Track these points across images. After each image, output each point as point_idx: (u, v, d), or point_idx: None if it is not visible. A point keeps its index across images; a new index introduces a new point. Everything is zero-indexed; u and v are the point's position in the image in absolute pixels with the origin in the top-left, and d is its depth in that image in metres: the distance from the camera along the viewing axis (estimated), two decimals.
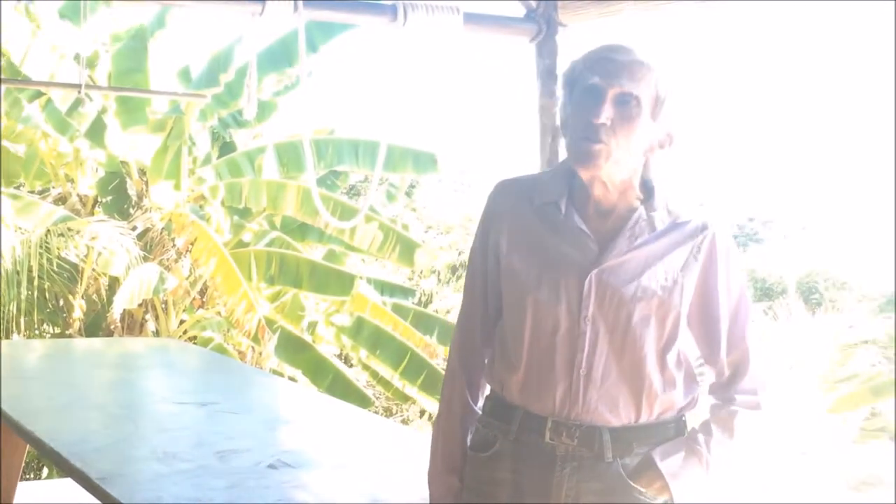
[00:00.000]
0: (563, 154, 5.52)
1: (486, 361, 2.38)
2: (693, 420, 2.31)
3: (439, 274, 19.57)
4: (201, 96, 7.64)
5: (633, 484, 2.18)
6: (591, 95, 2.12)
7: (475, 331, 2.37)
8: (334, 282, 10.16)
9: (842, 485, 14.06)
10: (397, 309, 12.13)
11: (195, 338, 10.57)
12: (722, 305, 2.24)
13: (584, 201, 2.21)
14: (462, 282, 16.17)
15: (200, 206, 10.89)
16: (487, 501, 2.28)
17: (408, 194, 16.51)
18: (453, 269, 20.04)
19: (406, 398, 11.90)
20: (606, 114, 2.08)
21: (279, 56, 10.18)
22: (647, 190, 2.22)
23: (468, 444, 2.37)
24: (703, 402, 2.31)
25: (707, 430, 2.23)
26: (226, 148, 11.77)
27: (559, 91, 2.25)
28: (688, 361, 2.25)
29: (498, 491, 2.26)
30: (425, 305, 17.05)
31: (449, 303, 18.59)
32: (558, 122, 2.26)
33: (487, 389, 2.39)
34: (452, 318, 15.61)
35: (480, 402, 2.39)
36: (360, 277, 10.74)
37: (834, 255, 21.83)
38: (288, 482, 3.06)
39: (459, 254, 20.70)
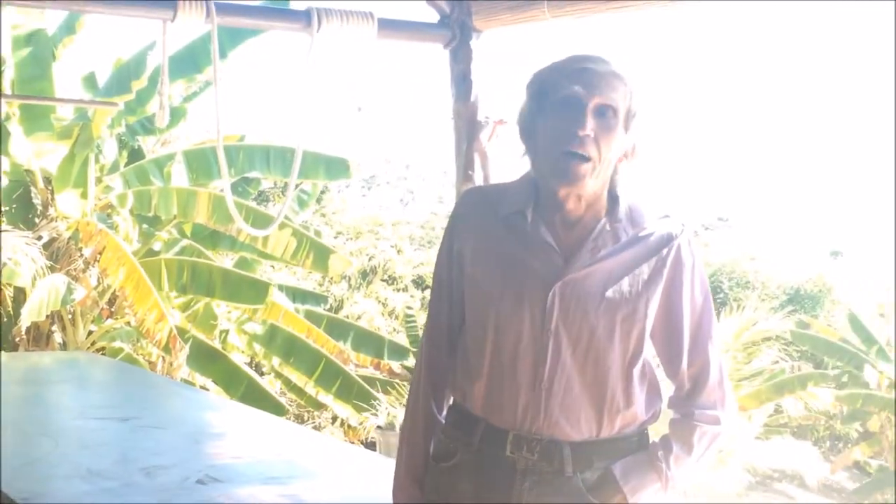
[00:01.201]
0: (480, 160, 5.56)
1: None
2: (654, 432, 2.30)
3: (350, 279, 19.46)
4: (113, 104, 7.49)
5: (592, 499, 2.17)
6: (571, 106, 2.08)
7: (441, 341, 2.34)
8: (248, 290, 10.05)
9: (749, 480, 14.34)
10: (310, 316, 12.07)
11: (104, 349, 10.37)
12: (685, 319, 2.22)
13: (551, 212, 2.17)
14: (373, 287, 16.13)
15: (108, 215, 10.70)
16: None
17: (317, 200, 16.40)
18: (364, 275, 19.96)
19: (319, 405, 11.84)
20: (590, 125, 2.07)
21: (187, 62, 10.03)
22: (612, 200, 2.20)
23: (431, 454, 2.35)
24: (664, 416, 2.30)
25: (667, 446, 2.22)
26: (134, 155, 11.57)
27: (522, 98, 2.20)
28: (652, 374, 2.24)
29: (458, 502, 2.23)
30: (336, 311, 16.95)
31: (360, 308, 18.52)
32: (519, 131, 2.21)
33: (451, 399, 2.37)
34: (364, 323, 15.57)
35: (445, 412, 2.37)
36: (273, 285, 10.64)
37: (738, 254, 22.23)
38: (218, 498, 3.03)
39: (370, 259, 20.63)
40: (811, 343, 15.30)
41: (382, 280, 20.50)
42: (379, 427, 10.38)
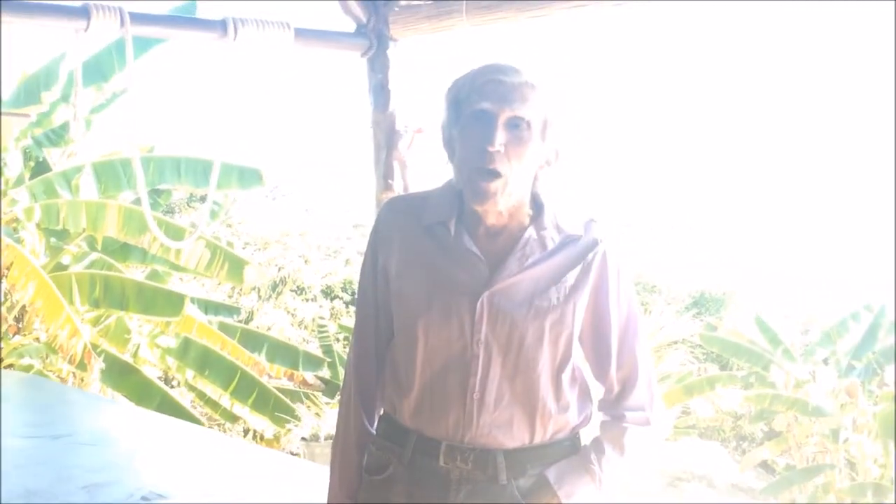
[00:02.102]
0: (399, 170, 5.58)
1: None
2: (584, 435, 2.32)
3: (259, 291, 19.30)
4: (25, 115, 7.33)
5: None
6: (481, 120, 2.07)
7: (369, 353, 2.31)
8: (163, 302, 9.90)
9: (659, 481, 14.54)
10: (224, 328, 11.94)
11: (12, 365, 10.12)
12: (613, 322, 2.22)
13: (474, 222, 2.16)
14: (282, 298, 15.99)
15: (14, 229, 10.44)
16: None
17: (226, 210, 16.22)
18: (273, 286, 19.81)
19: (234, 418, 11.71)
20: (500, 139, 2.05)
21: (93, 72, 9.87)
22: (537, 207, 2.19)
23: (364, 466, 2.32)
24: (595, 419, 2.31)
25: (599, 448, 2.22)
26: (39, 167, 11.31)
27: (441, 109, 2.19)
28: (582, 379, 2.24)
29: None
30: (247, 322, 16.81)
31: (270, 319, 18.38)
32: (441, 139, 2.20)
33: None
34: (275, 333, 15.45)
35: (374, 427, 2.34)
36: (188, 297, 10.49)
37: (644, 259, 22.54)
38: None
39: (279, 269, 20.48)
40: (720, 345, 15.57)
41: (291, 290, 20.37)
42: (303, 438, 10.32)
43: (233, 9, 5.01)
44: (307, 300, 20.17)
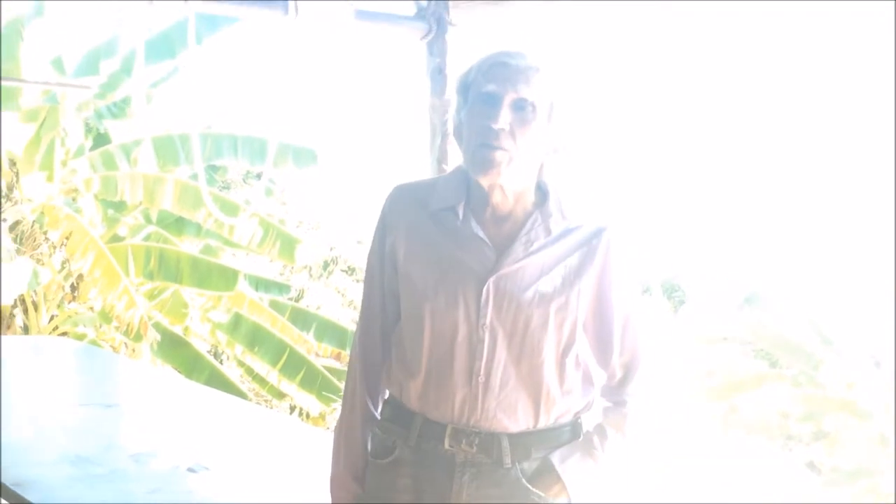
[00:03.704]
0: (452, 155, 5.60)
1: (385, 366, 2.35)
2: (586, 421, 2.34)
3: (310, 270, 19.44)
4: (85, 87, 7.42)
5: (531, 488, 2.19)
6: (487, 102, 2.10)
7: (375, 337, 2.34)
8: (217, 277, 10.02)
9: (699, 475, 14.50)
10: (274, 305, 12.04)
11: (66, 333, 10.29)
12: (616, 308, 2.24)
13: (480, 207, 2.19)
14: (334, 278, 16.07)
15: (73, 199, 10.61)
16: None
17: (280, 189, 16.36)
18: (325, 265, 19.94)
19: (281, 395, 11.84)
20: (504, 119, 2.07)
21: (160, 48, 9.96)
22: (542, 193, 2.21)
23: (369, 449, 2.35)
24: (597, 404, 2.33)
25: (601, 433, 2.25)
26: (100, 139, 11.46)
27: (453, 95, 2.22)
28: (585, 364, 2.26)
29: (398, 497, 2.24)
30: (297, 301, 16.93)
31: (320, 298, 18.51)
32: (450, 127, 2.23)
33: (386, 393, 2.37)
34: (325, 312, 15.55)
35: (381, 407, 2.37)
36: (241, 273, 10.60)
37: (694, 254, 22.42)
38: (210, 486, 3.03)
39: (331, 249, 20.60)
40: (771, 342, 15.46)
41: (342, 271, 20.49)
42: None
43: None
44: (358, 281, 20.27)
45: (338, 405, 10.55)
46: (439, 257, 2.19)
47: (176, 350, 10.36)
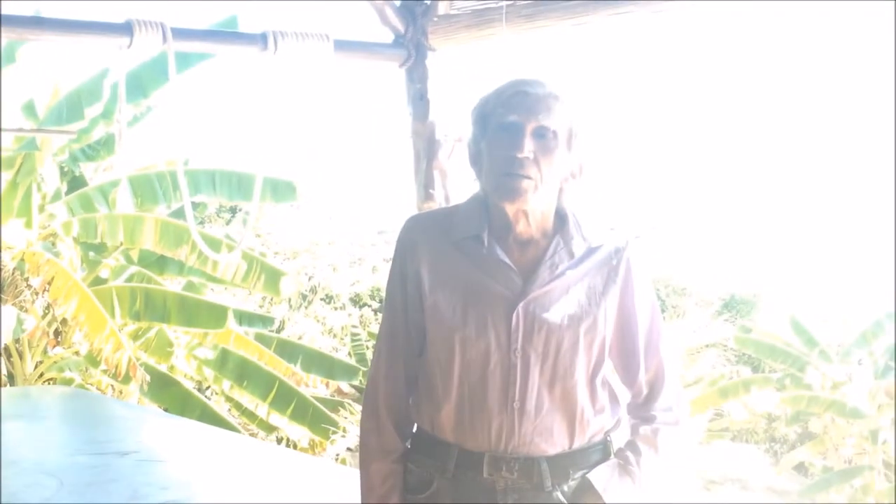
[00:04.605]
0: (438, 179, 5.59)
1: (410, 400, 2.33)
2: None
3: (290, 300, 19.35)
4: (69, 132, 7.38)
5: None
6: (510, 131, 2.13)
7: (399, 371, 2.32)
8: (206, 315, 9.97)
9: (695, 484, 14.51)
10: (260, 338, 12.00)
11: (53, 379, 10.21)
12: (639, 325, 2.28)
13: (503, 234, 2.21)
14: (313, 307, 15.99)
15: (52, 244, 10.53)
16: None
17: (256, 221, 16.30)
18: (303, 296, 19.86)
19: (271, 428, 11.76)
20: (528, 147, 2.11)
21: (132, 87, 9.92)
22: (561, 218, 2.24)
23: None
24: (625, 422, 2.35)
25: (635, 449, 2.26)
26: (75, 182, 11.40)
27: (468, 126, 2.24)
28: (609, 383, 2.28)
29: None
30: (279, 332, 16.86)
31: (301, 328, 18.44)
32: (468, 156, 2.25)
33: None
34: (306, 342, 15.49)
35: (407, 442, 2.34)
36: (229, 308, 10.55)
37: (673, 262, 22.47)
38: None
39: (309, 278, 20.53)
40: (754, 347, 15.52)
41: (321, 299, 20.43)
42: (349, 448, 10.36)
43: (270, 22, 5.05)
44: (336, 308, 20.22)
45: (337, 436, 10.51)
46: (467, 285, 2.19)
47: (165, 389, 10.29)
